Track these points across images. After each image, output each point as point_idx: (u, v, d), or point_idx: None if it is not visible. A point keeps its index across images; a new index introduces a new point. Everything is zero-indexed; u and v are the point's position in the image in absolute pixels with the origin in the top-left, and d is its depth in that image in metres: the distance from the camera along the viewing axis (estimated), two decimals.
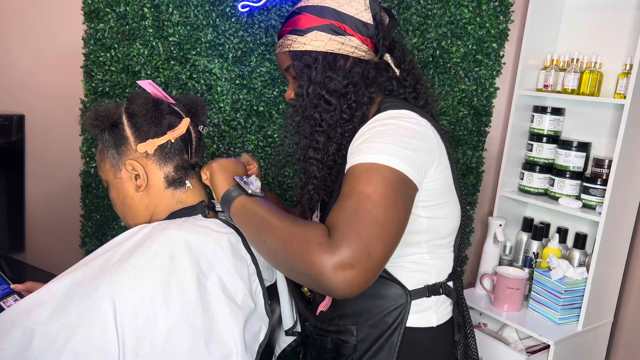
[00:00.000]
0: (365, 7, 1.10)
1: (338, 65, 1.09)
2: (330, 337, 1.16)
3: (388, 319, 1.10)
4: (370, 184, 0.92)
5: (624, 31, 1.98)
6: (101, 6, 2.16)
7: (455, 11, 2.13)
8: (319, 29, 1.08)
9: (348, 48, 1.09)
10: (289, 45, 1.11)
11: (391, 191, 0.92)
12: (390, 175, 0.94)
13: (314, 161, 1.11)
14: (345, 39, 1.08)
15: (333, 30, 1.08)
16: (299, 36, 1.10)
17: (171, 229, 0.95)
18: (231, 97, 2.17)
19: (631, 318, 2.07)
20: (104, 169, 1.06)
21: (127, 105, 1.04)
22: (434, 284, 1.12)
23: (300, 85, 1.11)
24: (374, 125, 1.03)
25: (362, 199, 0.90)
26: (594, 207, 1.94)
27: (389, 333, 1.10)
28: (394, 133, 1.00)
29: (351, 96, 1.09)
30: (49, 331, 0.85)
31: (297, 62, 1.11)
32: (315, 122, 1.10)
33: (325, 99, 1.09)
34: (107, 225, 2.33)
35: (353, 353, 1.12)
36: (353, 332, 1.12)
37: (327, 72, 1.09)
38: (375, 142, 0.98)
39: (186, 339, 0.88)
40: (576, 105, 2.11)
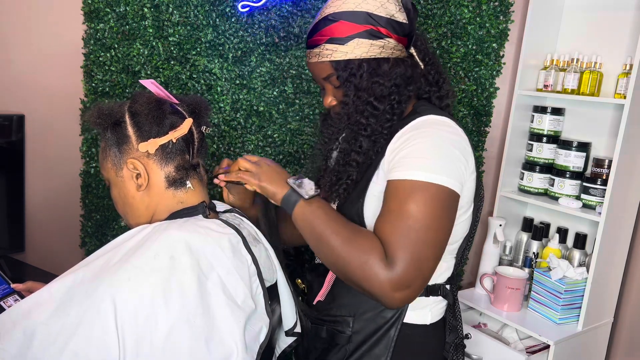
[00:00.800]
0: (398, 7, 1.11)
1: (382, 69, 1.10)
2: (325, 327, 1.18)
3: (386, 314, 1.13)
4: (418, 204, 0.99)
5: (624, 31, 1.98)
6: (101, 6, 2.16)
7: (455, 11, 2.13)
8: (360, 36, 1.08)
9: (388, 50, 1.10)
10: (329, 55, 1.10)
11: (439, 210, 1.00)
12: (436, 192, 1.00)
13: (355, 164, 1.11)
14: (384, 41, 1.10)
15: (372, 34, 1.09)
16: (339, 45, 1.09)
17: (172, 230, 0.94)
18: (231, 97, 2.17)
19: (631, 318, 2.07)
20: (106, 168, 1.06)
21: (130, 104, 1.04)
22: (433, 285, 1.16)
23: (346, 94, 1.11)
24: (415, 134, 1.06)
25: (412, 219, 0.99)
26: (594, 207, 1.94)
27: (386, 328, 1.13)
28: (437, 145, 1.05)
29: (395, 97, 1.11)
30: (50, 331, 0.85)
31: (342, 72, 1.10)
32: (360, 127, 1.10)
33: (373, 105, 1.10)
34: (107, 225, 2.33)
35: (347, 344, 1.15)
36: (349, 323, 1.15)
37: (373, 78, 1.09)
38: (419, 157, 1.03)
39: (186, 339, 0.88)
40: (576, 105, 2.11)
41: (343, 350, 1.15)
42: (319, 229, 1.04)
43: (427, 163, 1.02)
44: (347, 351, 1.15)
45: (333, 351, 1.17)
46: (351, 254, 0.99)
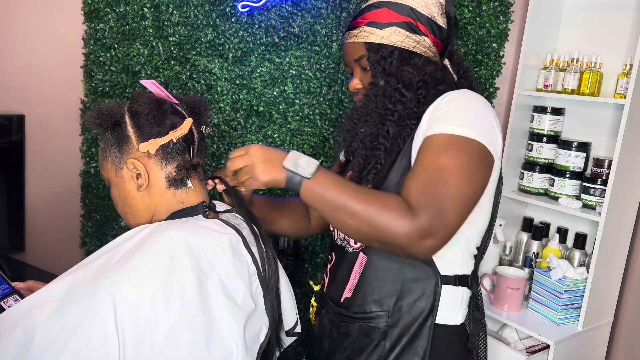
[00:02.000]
0: (441, 11, 1.16)
1: (413, 61, 1.14)
2: (358, 324, 1.17)
3: (419, 304, 1.12)
4: (449, 156, 1.01)
5: (624, 31, 1.98)
6: (101, 6, 2.16)
7: (455, 11, 2.13)
8: (398, 25, 1.13)
9: (422, 47, 1.14)
10: (366, 36, 1.15)
11: (469, 163, 1.02)
12: (469, 147, 1.02)
13: (383, 147, 1.13)
14: (420, 38, 1.14)
15: (411, 28, 1.13)
16: (377, 29, 1.14)
17: (172, 230, 0.94)
18: (231, 97, 2.17)
19: (631, 318, 2.07)
20: (106, 168, 1.06)
21: (130, 104, 1.03)
22: (462, 274, 1.16)
23: (374, 76, 1.15)
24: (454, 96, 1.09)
25: (441, 172, 1.00)
26: (594, 207, 1.94)
27: (422, 318, 1.12)
28: (476, 105, 1.08)
29: (422, 91, 1.13)
30: (50, 331, 0.85)
31: (374, 54, 1.14)
32: (388, 111, 1.13)
33: (400, 91, 1.13)
34: (107, 225, 2.33)
35: (383, 339, 1.13)
36: (384, 318, 1.14)
37: (403, 66, 1.13)
38: (454, 113, 1.05)
39: (186, 339, 0.88)
40: (576, 105, 2.11)
41: (380, 347, 1.14)
42: (333, 199, 1.01)
43: (463, 119, 1.05)
44: (385, 348, 1.13)
45: (368, 348, 1.15)
46: (373, 213, 0.98)
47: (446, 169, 1.00)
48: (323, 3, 2.09)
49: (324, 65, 2.13)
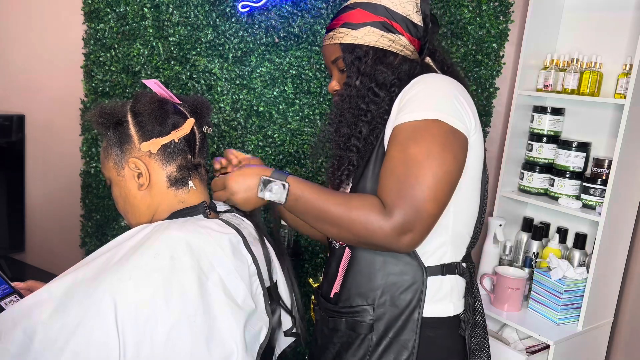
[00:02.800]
0: (416, 9, 1.16)
1: (388, 60, 1.14)
2: (344, 318, 1.17)
3: (405, 296, 1.12)
4: (416, 144, 1.01)
5: (623, 31, 1.98)
6: (101, 6, 2.16)
7: (455, 11, 2.13)
8: (372, 25, 1.13)
9: (397, 46, 1.14)
10: (340, 37, 1.15)
11: (438, 147, 1.01)
12: (436, 130, 1.02)
13: (355, 149, 1.14)
14: (395, 37, 1.14)
15: (385, 27, 1.13)
16: (351, 30, 1.14)
17: (172, 229, 0.95)
18: (231, 97, 2.17)
19: (631, 318, 2.07)
20: (107, 167, 1.06)
21: (133, 103, 1.04)
22: (449, 263, 1.15)
23: (349, 76, 1.15)
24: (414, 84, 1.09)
25: (410, 163, 1.00)
26: (593, 207, 1.94)
27: (409, 311, 1.11)
28: (436, 87, 1.08)
29: (395, 89, 1.13)
30: (50, 331, 0.85)
31: (348, 55, 1.15)
32: (360, 112, 1.13)
33: (374, 91, 1.13)
34: (107, 225, 2.34)
35: (369, 333, 1.13)
36: (369, 311, 1.13)
37: (377, 65, 1.13)
38: (418, 100, 1.05)
39: (187, 339, 0.88)
40: (576, 105, 2.11)
41: (367, 340, 1.14)
42: (312, 211, 1.05)
43: (425, 102, 1.04)
44: (372, 341, 1.13)
45: (355, 344, 1.15)
46: (352, 218, 1.01)
47: (413, 159, 1.00)
48: (323, 3, 2.09)
49: (323, 65, 2.13)
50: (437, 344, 1.14)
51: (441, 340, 1.15)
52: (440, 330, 1.14)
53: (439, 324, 1.14)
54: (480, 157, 1.14)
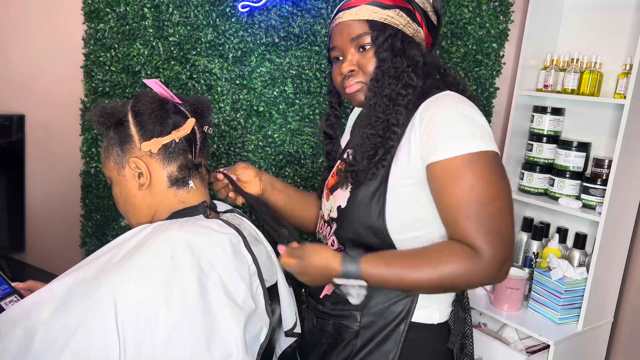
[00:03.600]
0: (432, 8, 1.14)
1: (417, 46, 1.10)
2: (332, 321, 1.16)
3: (395, 308, 1.10)
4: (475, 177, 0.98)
5: (623, 31, 1.98)
6: (101, 6, 2.16)
7: (455, 11, 2.13)
8: (401, 9, 1.09)
9: (417, 38, 1.12)
10: (369, 14, 1.08)
11: (494, 176, 0.99)
12: (488, 159, 0.99)
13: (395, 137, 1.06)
14: (417, 28, 1.11)
15: (411, 15, 1.10)
16: (380, 9, 1.08)
17: (173, 230, 0.95)
18: (231, 97, 2.17)
19: (631, 318, 2.07)
20: (108, 166, 1.06)
21: (133, 103, 1.04)
22: None
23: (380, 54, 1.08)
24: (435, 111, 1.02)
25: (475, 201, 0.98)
26: (593, 207, 1.94)
27: (395, 323, 1.10)
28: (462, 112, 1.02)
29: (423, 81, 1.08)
30: (50, 331, 0.85)
31: (379, 32, 1.08)
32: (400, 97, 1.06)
33: (409, 74, 1.07)
34: (107, 225, 2.33)
35: (354, 339, 1.12)
36: (357, 318, 1.12)
37: (411, 48, 1.09)
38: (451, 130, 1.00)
39: (187, 339, 0.88)
40: (576, 105, 2.11)
41: (351, 345, 1.13)
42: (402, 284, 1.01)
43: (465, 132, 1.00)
44: (355, 346, 1.12)
45: (340, 346, 1.14)
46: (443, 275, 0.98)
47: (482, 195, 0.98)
48: (323, 3, 2.09)
49: (324, 65, 2.13)
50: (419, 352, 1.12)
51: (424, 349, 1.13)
52: (423, 334, 1.12)
53: (422, 331, 1.12)
54: None
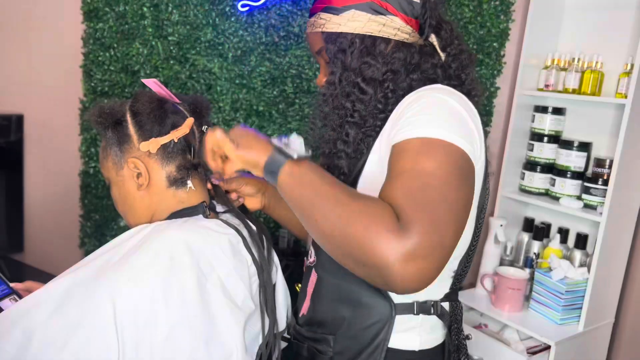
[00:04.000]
0: None
1: (378, 50, 0.97)
2: (307, 344, 1.05)
3: (368, 333, 0.97)
4: (433, 160, 0.80)
5: (625, 31, 1.98)
6: (100, 5, 2.16)
7: (456, 10, 2.13)
8: (357, 8, 0.96)
9: (389, 30, 0.97)
10: (321, 25, 0.99)
11: (456, 169, 0.81)
12: (452, 152, 0.82)
13: (344, 155, 0.98)
14: (387, 19, 0.96)
15: (373, 9, 0.96)
16: (333, 15, 0.97)
17: (172, 230, 0.94)
18: (231, 97, 2.17)
19: (632, 319, 2.07)
20: (107, 167, 1.05)
21: (132, 103, 1.03)
22: (425, 301, 0.99)
23: (332, 72, 0.99)
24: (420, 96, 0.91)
25: (428, 177, 0.79)
26: (595, 207, 1.94)
27: (371, 349, 0.97)
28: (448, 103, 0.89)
29: (389, 84, 0.97)
30: (49, 331, 0.85)
31: (331, 46, 0.98)
32: (346, 112, 0.98)
33: (360, 87, 0.97)
34: (106, 225, 2.33)
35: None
36: (330, 343, 1.01)
37: (364, 57, 0.97)
38: (428, 115, 0.87)
39: (186, 339, 0.88)
40: (577, 105, 2.10)
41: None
42: (311, 192, 0.82)
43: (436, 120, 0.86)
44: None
45: None
46: (351, 219, 0.76)
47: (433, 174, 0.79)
48: None
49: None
50: None
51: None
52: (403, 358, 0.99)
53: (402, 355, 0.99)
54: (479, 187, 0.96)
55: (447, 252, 0.77)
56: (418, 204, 0.76)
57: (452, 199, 0.78)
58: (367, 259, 0.75)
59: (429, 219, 0.75)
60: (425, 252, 0.73)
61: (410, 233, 0.73)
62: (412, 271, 0.73)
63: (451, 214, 0.77)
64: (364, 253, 0.75)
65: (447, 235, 0.76)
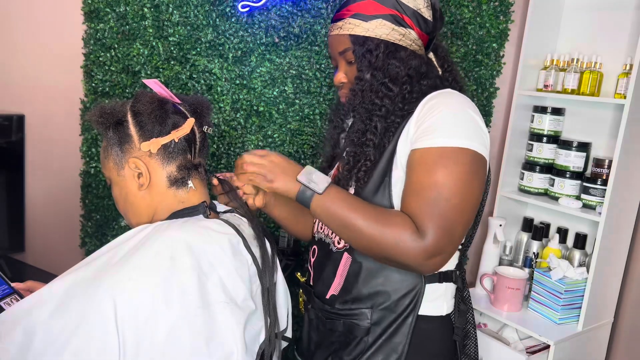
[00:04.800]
0: (426, 3, 1.15)
1: (399, 55, 1.13)
2: (342, 320, 1.17)
3: (404, 301, 1.13)
4: (446, 169, 1.02)
5: (624, 31, 1.98)
6: (101, 6, 2.16)
7: (456, 11, 2.13)
8: (384, 18, 1.11)
9: (407, 40, 1.13)
10: (351, 28, 1.13)
11: (467, 175, 1.03)
12: (462, 157, 1.03)
13: (372, 144, 1.12)
14: (406, 31, 1.13)
15: (396, 20, 1.12)
16: (362, 21, 1.12)
17: (172, 230, 0.95)
18: (231, 97, 2.17)
19: (631, 318, 2.07)
20: (108, 167, 1.06)
21: (133, 103, 1.04)
22: (446, 271, 1.16)
23: (360, 69, 1.14)
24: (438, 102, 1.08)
25: (441, 188, 1.01)
26: (594, 207, 1.94)
27: (404, 316, 1.13)
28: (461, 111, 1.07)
29: (407, 86, 1.12)
30: (50, 331, 0.85)
31: (359, 47, 1.13)
32: (375, 107, 1.12)
33: (387, 85, 1.12)
34: (107, 225, 2.33)
35: (366, 335, 1.15)
36: (367, 315, 1.14)
37: (389, 59, 1.12)
38: (444, 124, 1.05)
39: (187, 339, 0.88)
40: (576, 105, 2.11)
41: (363, 342, 1.15)
42: (342, 216, 1.05)
43: (452, 129, 1.04)
44: (367, 342, 1.14)
45: (352, 344, 1.16)
46: (383, 233, 1.01)
47: (443, 184, 1.01)
48: (323, 3, 2.09)
49: (324, 65, 2.13)
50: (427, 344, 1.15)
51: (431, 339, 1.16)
52: (431, 325, 1.16)
53: (431, 323, 1.16)
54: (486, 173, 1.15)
55: (456, 245, 1.05)
56: (432, 214, 1.00)
57: (460, 204, 1.01)
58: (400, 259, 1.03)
59: (440, 225, 1.00)
60: (439, 250, 1.01)
61: (427, 238, 1.00)
62: (432, 264, 1.03)
63: (458, 216, 1.02)
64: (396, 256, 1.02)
65: (456, 234, 1.03)
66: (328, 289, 1.20)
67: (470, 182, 1.03)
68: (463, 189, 1.02)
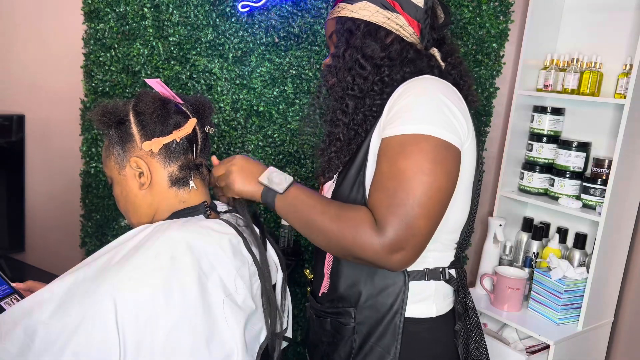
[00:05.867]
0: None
1: (378, 35, 1.11)
2: (329, 319, 1.17)
3: (386, 301, 1.10)
4: (407, 159, 0.97)
5: (624, 31, 1.98)
6: (101, 6, 2.16)
7: (455, 11, 2.13)
8: (369, 0, 1.12)
9: (392, 24, 1.11)
10: (338, 12, 1.15)
11: (430, 163, 0.96)
12: (427, 145, 0.97)
13: (341, 123, 1.12)
14: (392, 15, 1.11)
15: (382, 4, 1.11)
16: (348, 4, 1.13)
17: (173, 230, 0.95)
18: (231, 97, 2.17)
19: (631, 318, 2.07)
20: (109, 166, 1.06)
21: (135, 102, 1.04)
22: (434, 268, 1.12)
23: (337, 47, 1.14)
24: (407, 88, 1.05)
25: (400, 179, 0.96)
26: (594, 207, 1.94)
27: (390, 316, 1.10)
28: (427, 95, 1.03)
29: (385, 69, 1.10)
30: (51, 331, 0.85)
31: (340, 27, 1.14)
32: (347, 85, 1.12)
33: (360, 63, 1.10)
34: (107, 225, 2.33)
35: (352, 335, 1.13)
36: (351, 314, 1.13)
37: (365, 38, 1.11)
38: (409, 111, 1.01)
39: (187, 339, 0.88)
40: (576, 105, 2.11)
41: (350, 342, 1.13)
42: (304, 215, 1.03)
43: (416, 115, 1.00)
44: (355, 343, 1.13)
45: (341, 344, 1.15)
46: (341, 230, 0.98)
47: (403, 174, 0.96)
48: (323, 3, 2.09)
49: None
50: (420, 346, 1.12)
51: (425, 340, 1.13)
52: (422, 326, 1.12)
53: (420, 325, 1.12)
54: (473, 164, 1.10)
55: (422, 239, 0.97)
56: (390, 206, 0.96)
57: (421, 196, 0.95)
58: (362, 256, 0.98)
59: (400, 219, 0.95)
60: (401, 245, 0.95)
61: (386, 232, 0.95)
62: (396, 260, 0.96)
63: (420, 208, 0.95)
64: (357, 253, 0.98)
65: (417, 226, 0.95)
66: (320, 287, 1.21)
67: (434, 171, 0.96)
68: (424, 179, 0.95)
